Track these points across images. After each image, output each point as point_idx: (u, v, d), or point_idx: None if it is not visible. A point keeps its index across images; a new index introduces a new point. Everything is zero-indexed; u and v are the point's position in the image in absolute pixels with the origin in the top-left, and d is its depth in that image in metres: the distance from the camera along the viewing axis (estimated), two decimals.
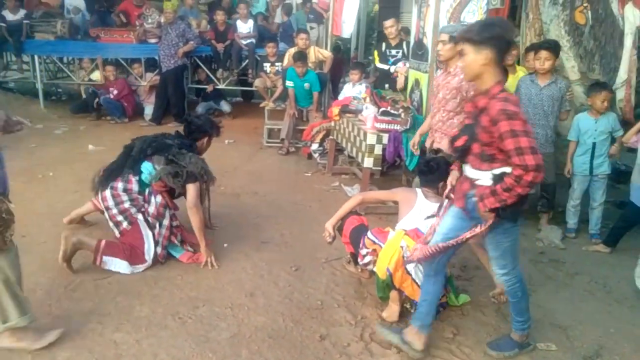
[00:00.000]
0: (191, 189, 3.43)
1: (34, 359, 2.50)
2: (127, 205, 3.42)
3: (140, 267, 3.36)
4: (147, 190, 3.46)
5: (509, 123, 2.20)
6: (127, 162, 3.52)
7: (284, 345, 2.72)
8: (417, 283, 2.87)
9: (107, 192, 3.44)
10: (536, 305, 3.24)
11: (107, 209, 3.44)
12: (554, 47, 4.12)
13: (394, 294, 2.98)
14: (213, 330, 2.81)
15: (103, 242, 3.32)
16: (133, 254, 3.35)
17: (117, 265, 3.31)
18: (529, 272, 3.69)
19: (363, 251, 3.09)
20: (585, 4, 4.49)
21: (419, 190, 3.22)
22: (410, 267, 2.87)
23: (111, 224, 3.47)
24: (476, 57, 2.30)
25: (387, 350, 2.71)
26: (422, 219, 3.05)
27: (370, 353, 2.70)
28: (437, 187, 3.18)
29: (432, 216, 2.94)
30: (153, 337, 2.71)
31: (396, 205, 3.32)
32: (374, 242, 3.04)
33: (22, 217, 4.05)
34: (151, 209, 3.44)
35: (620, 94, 4.30)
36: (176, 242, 3.57)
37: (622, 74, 4.21)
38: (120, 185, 3.44)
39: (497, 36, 2.27)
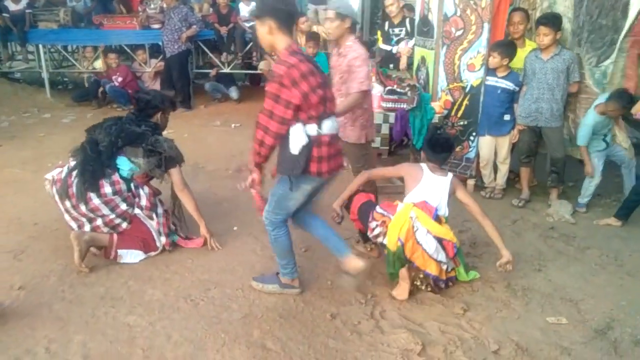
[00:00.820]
0: (174, 173, 3.38)
1: (50, 343, 2.55)
2: (123, 207, 3.29)
3: (153, 254, 3.39)
4: (132, 185, 3.35)
5: (269, 85, 2.54)
6: (101, 160, 3.26)
7: (295, 325, 2.74)
8: (427, 253, 2.90)
9: (96, 201, 3.21)
10: (547, 280, 3.24)
11: (102, 217, 3.26)
12: (552, 21, 4.04)
13: (403, 272, 2.98)
14: (225, 311, 2.84)
15: (115, 236, 3.29)
16: (146, 244, 3.36)
17: (134, 256, 3.31)
18: (539, 248, 3.67)
19: (372, 224, 3.10)
20: None
21: (424, 165, 3.22)
22: (421, 237, 2.89)
23: (106, 229, 3.30)
24: (262, 29, 2.62)
25: (398, 328, 2.73)
26: (429, 193, 3.08)
27: (381, 330, 2.71)
28: (442, 162, 3.22)
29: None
30: (166, 320, 2.75)
31: (402, 182, 3.32)
32: (383, 215, 3.06)
33: (32, 205, 4.13)
34: (143, 201, 3.36)
35: (614, 68, 4.14)
36: (172, 227, 3.55)
37: (623, 45, 4.04)
38: (108, 190, 3.23)
39: (273, 8, 2.58)
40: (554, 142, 4.24)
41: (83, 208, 3.23)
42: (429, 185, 3.10)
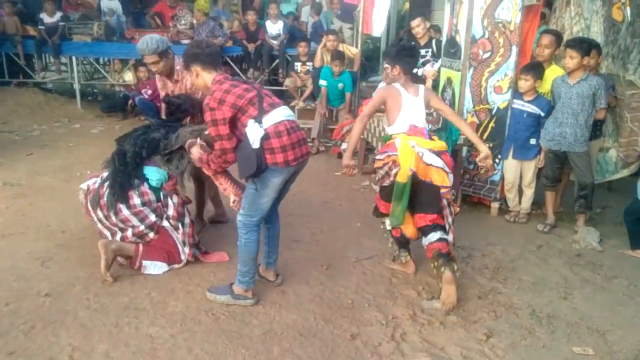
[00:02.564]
0: (192, 153, 3.26)
1: (74, 351, 2.59)
2: (152, 218, 3.33)
3: (176, 266, 3.42)
4: (161, 194, 3.38)
5: (205, 115, 2.84)
6: (128, 171, 3.32)
7: (315, 344, 2.73)
8: (439, 167, 3.10)
9: (126, 212, 3.27)
10: (572, 308, 3.18)
11: (132, 227, 3.32)
12: (579, 45, 4.01)
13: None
14: (245, 326, 2.84)
15: (141, 247, 3.34)
16: (170, 256, 3.39)
17: (158, 267, 3.35)
18: (564, 275, 3.60)
19: (382, 170, 3.20)
20: (623, 0, 4.33)
21: (397, 85, 3.30)
22: (428, 158, 3.09)
23: (134, 238, 3.35)
24: (192, 77, 3.03)
25: (419, 352, 2.70)
26: (412, 115, 3.25)
27: (402, 353, 2.68)
28: (412, 68, 3.44)
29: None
30: (187, 332, 2.76)
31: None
32: (390, 155, 3.16)
33: (61, 213, 4.23)
34: (170, 211, 3.39)
35: None
36: (196, 238, 3.57)
37: None
38: (137, 201, 3.28)
39: (192, 54, 2.93)
40: (581, 167, 4.18)
41: (114, 218, 3.29)
42: (409, 108, 3.25)
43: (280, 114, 2.87)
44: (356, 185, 5.35)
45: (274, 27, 8.15)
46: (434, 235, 3.10)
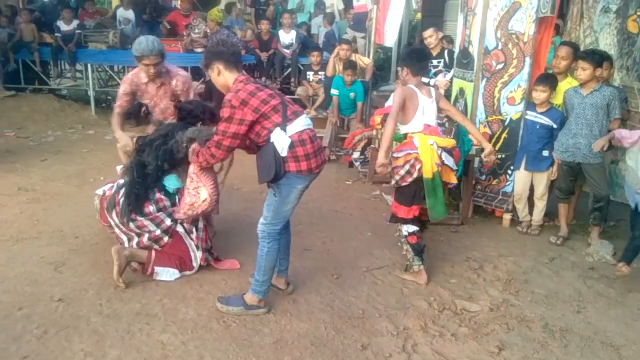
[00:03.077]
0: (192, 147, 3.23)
1: (86, 356, 2.60)
2: (168, 222, 3.36)
3: (188, 273, 3.43)
4: (177, 198, 3.39)
5: (222, 110, 2.81)
6: (146, 184, 3.34)
7: (326, 353, 2.72)
8: (449, 167, 3.41)
9: (141, 219, 3.32)
10: (586, 322, 3.14)
11: (149, 232, 3.35)
12: (591, 56, 3.99)
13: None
14: (256, 335, 2.84)
15: (154, 253, 3.36)
16: (182, 263, 3.40)
17: (169, 274, 3.36)
18: (578, 288, 3.57)
19: (404, 169, 3.33)
20: (637, 12, 4.31)
21: (412, 87, 3.44)
22: (444, 157, 3.35)
23: (149, 242, 3.37)
24: (213, 75, 2.95)
25: None
26: (426, 115, 3.44)
27: None
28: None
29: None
30: (198, 340, 2.77)
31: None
32: (410, 153, 3.33)
33: (74, 218, 4.27)
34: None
35: None
36: (209, 243, 3.58)
37: None
38: (152, 208, 3.32)
39: (216, 52, 2.90)
40: (596, 179, 4.14)
41: (131, 224, 3.33)
42: (424, 109, 3.44)
43: (303, 122, 2.90)
44: (367, 195, 5.35)
45: (287, 37, 8.21)
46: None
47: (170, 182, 3.40)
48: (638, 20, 3.96)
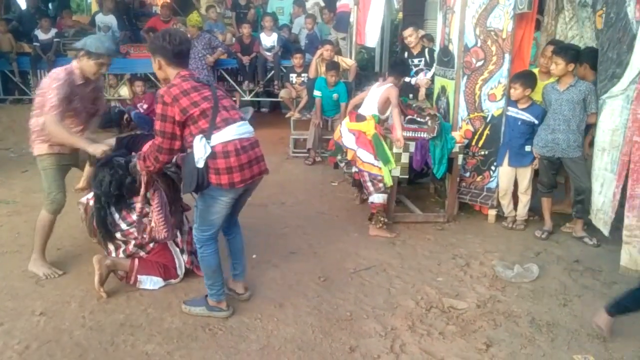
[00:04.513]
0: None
1: None
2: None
3: (173, 282, 3.39)
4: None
5: (156, 107, 2.70)
6: (108, 211, 3.28)
7: (314, 357, 2.70)
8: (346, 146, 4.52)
9: (129, 228, 3.29)
10: (572, 315, 3.16)
11: (134, 239, 3.32)
12: (564, 51, 4.02)
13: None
14: (243, 341, 2.81)
15: (136, 261, 3.31)
16: (166, 271, 3.36)
17: (153, 282, 3.32)
18: (563, 281, 3.58)
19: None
20: (603, 8, 4.30)
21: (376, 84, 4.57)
22: (344, 133, 4.53)
23: (135, 249, 3.35)
24: (154, 65, 2.84)
25: None
26: (368, 101, 4.62)
27: None
28: (398, 75, 4.69)
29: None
30: (184, 349, 2.73)
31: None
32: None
33: (56, 230, 4.15)
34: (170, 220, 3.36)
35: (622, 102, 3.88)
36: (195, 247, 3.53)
37: (625, 81, 3.80)
38: (134, 217, 3.27)
39: (160, 47, 2.75)
40: (577, 172, 4.16)
41: (117, 234, 3.30)
42: (369, 96, 4.56)
43: (232, 132, 2.71)
44: (352, 196, 5.33)
45: (269, 40, 8.18)
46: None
47: None
48: (603, 15, 3.96)
